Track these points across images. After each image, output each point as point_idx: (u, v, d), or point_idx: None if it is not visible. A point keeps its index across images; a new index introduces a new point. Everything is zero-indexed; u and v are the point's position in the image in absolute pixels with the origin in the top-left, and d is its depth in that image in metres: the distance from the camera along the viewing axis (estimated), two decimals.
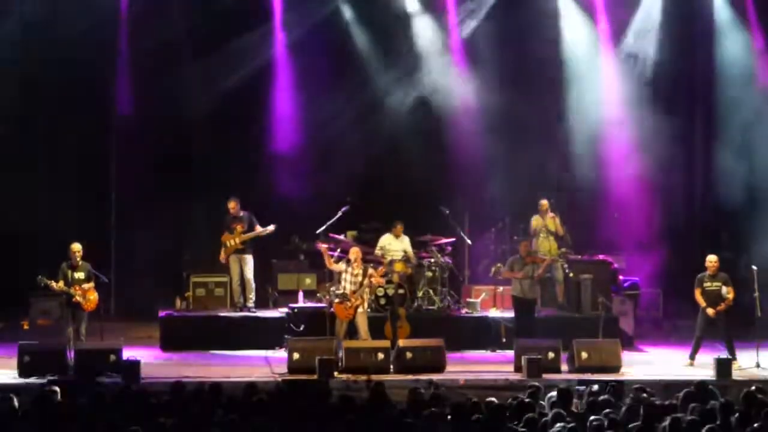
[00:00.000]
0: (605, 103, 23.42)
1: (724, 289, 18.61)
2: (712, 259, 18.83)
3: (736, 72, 23.26)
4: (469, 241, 21.81)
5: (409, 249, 20.68)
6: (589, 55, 23.52)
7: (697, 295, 18.76)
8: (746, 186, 22.94)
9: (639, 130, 23.15)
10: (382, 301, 19.79)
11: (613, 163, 23.25)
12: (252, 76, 22.82)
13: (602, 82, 23.54)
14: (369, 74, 23.22)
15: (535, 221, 20.95)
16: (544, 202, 20.94)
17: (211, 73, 22.46)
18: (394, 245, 20.64)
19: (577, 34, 23.46)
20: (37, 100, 21.95)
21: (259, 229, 20.34)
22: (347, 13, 23.11)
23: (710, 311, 18.53)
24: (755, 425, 11.22)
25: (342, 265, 18.92)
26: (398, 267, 20.26)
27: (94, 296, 18.06)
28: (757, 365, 18.41)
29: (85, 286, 17.99)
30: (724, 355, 18.01)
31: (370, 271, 18.68)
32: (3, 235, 21.71)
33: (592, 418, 11.37)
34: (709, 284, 18.69)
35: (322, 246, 19.52)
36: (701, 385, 13.41)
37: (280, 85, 23.18)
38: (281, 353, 18.69)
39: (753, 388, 13.04)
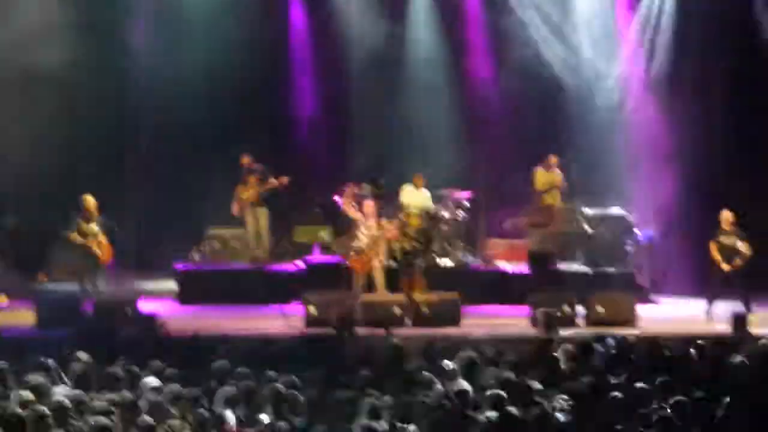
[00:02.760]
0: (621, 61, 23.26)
1: (740, 244, 18.58)
2: (727, 215, 18.80)
3: None
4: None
5: (429, 202, 20.68)
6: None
7: (713, 251, 18.75)
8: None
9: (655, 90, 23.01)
10: (398, 256, 19.76)
11: (630, 118, 23.09)
12: (271, 37, 22.81)
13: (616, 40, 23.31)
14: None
15: (543, 175, 20.94)
16: (554, 158, 20.96)
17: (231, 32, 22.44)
18: (415, 196, 20.63)
19: None
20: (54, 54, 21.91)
21: (273, 181, 20.37)
22: None
23: (725, 267, 18.54)
24: None
25: (358, 215, 18.89)
26: (414, 221, 20.24)
27: (109, 248, 18.12)
28: None
29: (100, 238, 18.06)
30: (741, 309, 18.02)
31: (385, 224, 18.69)
32: (21, 186, 21.77)
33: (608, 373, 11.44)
34: (724, 239, 18.67)
35: (348, 191, 19.51)
36: (717, 339, 13.44)
37: (298, 48, 23.13)
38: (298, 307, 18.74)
39: None
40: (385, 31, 22.88)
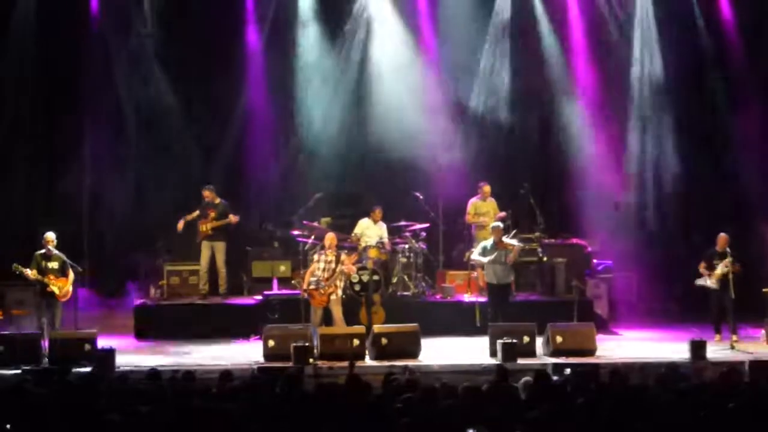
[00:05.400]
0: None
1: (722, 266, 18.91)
2: (722, 238, 19.14)
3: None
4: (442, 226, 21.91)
5: (385, 235, 20.69)
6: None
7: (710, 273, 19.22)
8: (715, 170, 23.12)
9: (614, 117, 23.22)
10: (357, 288, 19.78)
11: (588, 147, 23.22)
12: (226, 64, 22.79)
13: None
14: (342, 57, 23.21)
15: (479, 206, 21.07)
16: (487, 187, 21.10)
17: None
18: (372, 230, 20.65)
19: None
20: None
21: (232, 218, 20.35)
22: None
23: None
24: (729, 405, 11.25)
25: (315, 256, 18.94)
26: (373, 253, 20.28)
27: (67, 285, 17.99)
28: (732, 347, 18.55)
29: (59, 275, 17.92)
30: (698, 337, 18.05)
31: (343, 257, 18.67)
32: None
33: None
34: (716, 261, 18.96)
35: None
36: (672, 366, 13.47)
37: (253, 70, 23.09)
38: (257, 341, 18.67)
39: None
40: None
